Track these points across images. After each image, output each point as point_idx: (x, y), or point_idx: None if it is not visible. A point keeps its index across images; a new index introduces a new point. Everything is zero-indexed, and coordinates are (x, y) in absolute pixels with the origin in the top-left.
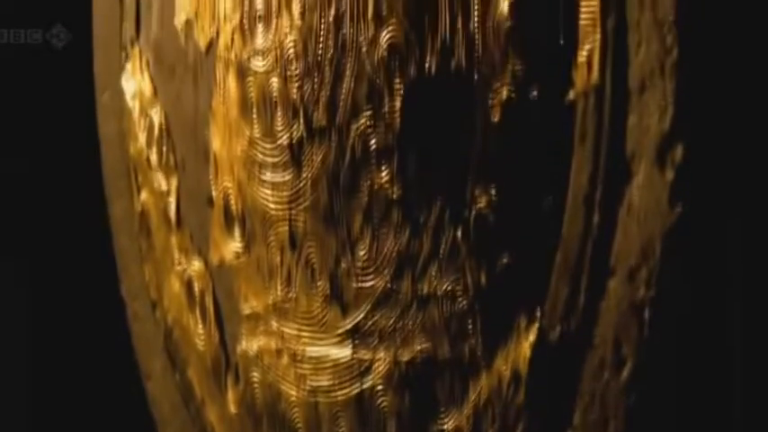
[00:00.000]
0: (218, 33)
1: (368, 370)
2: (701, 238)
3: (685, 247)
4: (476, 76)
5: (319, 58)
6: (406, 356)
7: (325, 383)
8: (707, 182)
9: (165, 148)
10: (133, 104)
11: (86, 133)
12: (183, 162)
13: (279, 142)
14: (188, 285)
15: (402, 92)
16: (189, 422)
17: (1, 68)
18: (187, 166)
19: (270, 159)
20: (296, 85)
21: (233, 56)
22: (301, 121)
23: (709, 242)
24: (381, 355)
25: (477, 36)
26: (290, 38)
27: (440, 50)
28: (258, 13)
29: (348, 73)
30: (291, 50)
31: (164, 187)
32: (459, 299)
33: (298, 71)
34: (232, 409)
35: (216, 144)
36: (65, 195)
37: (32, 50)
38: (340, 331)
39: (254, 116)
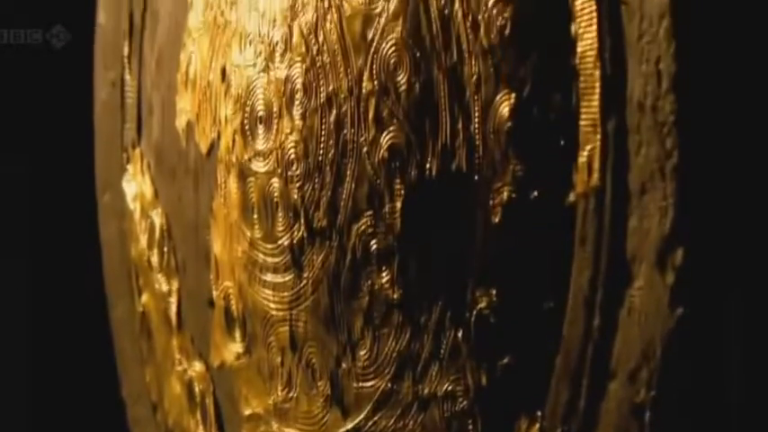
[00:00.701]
0: (219, 136)
1: None
2: (702, 341)
3: (686, 350)
4: (476, 178)
5: (320, 159)
6: None
7: None
8: (708, 285)
9: (165, 250)
10: (134, 206)
11: (85, 133)
12: (184, 264)
13: (280, 244)
14: (189, 387)
15: (403, 193)
16: None
17: (1, 68)
18: (188, 268)
19: (270, 261)
20: (297, 186)
21: (234, 158)
22: (302, 222)
23: (710, 344)
24: None
25: (477, 138)
26: (290, 139)
27: (440, 152)
28: (259, 115)
29: (349, 175)
30: (292, 152)
31: (164, 289)
32: (460, 399)
33: (299, 173)
34: None
35: (217, 246)
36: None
37: (32, 50)
38: None
39: (255, 218)
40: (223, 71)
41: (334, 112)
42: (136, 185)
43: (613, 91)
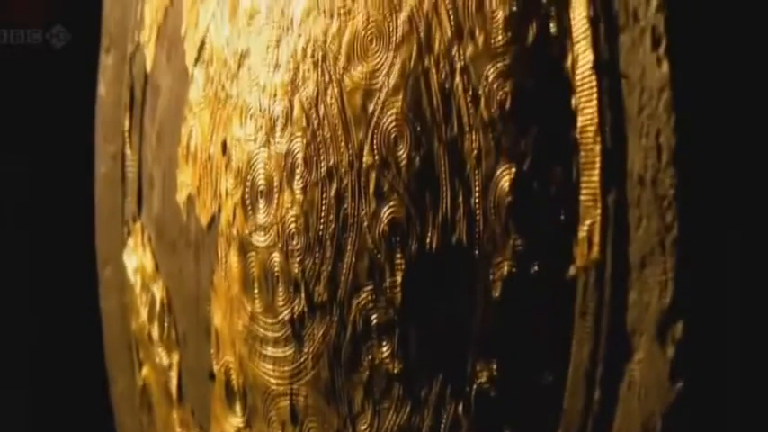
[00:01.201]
0: (219, 209)
1: None
2: (703, 415)
3: (686, 424)
4: (476, 252)
5: (321, 233)
6: None
7: None
8: (708, 359)
9: (166, 324)
10: (135, 279)
11: (85, 135)
12: (185, 337)
13: (280, 317)
14: None
15: (403, 267)
16: None
17: (1, 68)
18: (189, 341)
19: (271, 334)
20: (297, 260)
21: (235, 231)
22: (303, 296)
23: (711, 419)
24: None
25: (477, 212)
26: (291, 213)
27: (441, 226)
28: (260, 189)
29: (349, 248)
30: (293, 226)
31: (165, 362)
32: None
33: (299, 246)
34: None
35: (217, 319)
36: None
37: (32, 50)
38: None
39: (256, 292)
40: (224, 145)
41: (335, 185)
42: (137, 259)
43: (614, 164)
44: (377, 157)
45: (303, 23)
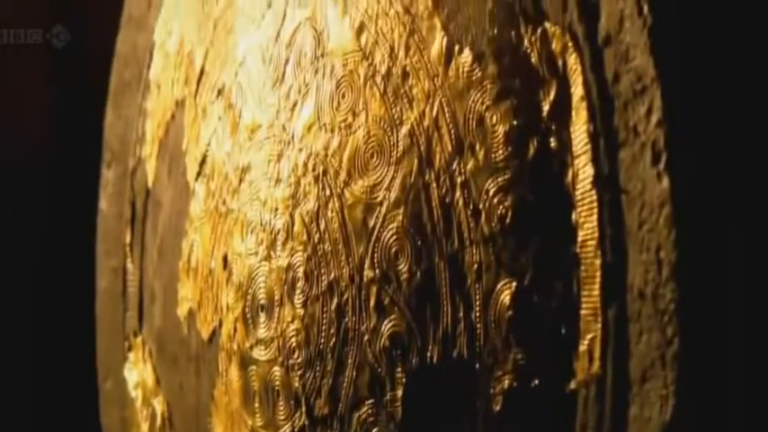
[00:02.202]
0: (220, 323)
1: None
2: None
3: None
4: (477, 366)
5: (321, 347)
6: None
7: None
8: None
9: None
10: (136, 394)
11: (84, 135)
12: None
13: None
14: None
15: (404, 381)
16: None
17: (1, 68)
18: None
19: None
20: (298, 374)
21: (235, 346)
22: (303, 410)
23: None
24: None
25: (478, 326)
26: (292, 328)
27: (441, 340)
28: (261, 304)
29: (350, 362)
30: (294, 340)
31: None
32: None
33: (300, 361)
34: None
35: None
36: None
37: (32, 50)
38: None
39: (257, 406)
40: (225, 259)
41: (336, 300)
42: (137, 373)
43: (614, 279)
44: (377, 272)
45: (304, 138)
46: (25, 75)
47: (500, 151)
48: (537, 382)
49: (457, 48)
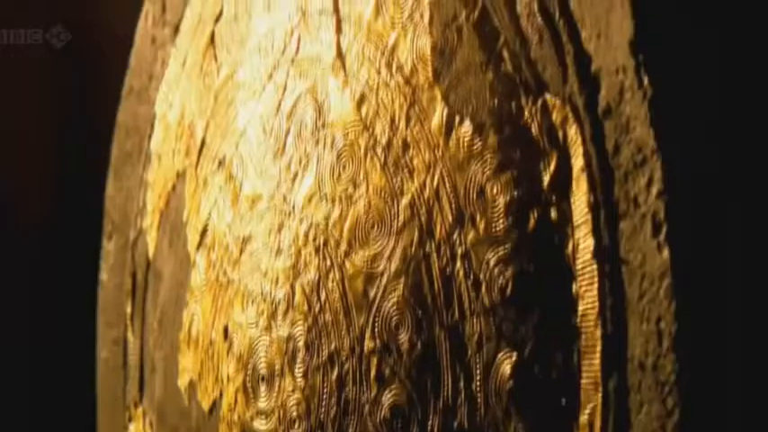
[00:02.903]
0: (221, 394)
1: None
2: None
3: None
4: None
5: (322, 418)
6: None
7: None
8: None
9: None
10: None
11: (85, 136)
12: None
13: None
14: None
15: None
16: None
17: (1, 68)
18: None
19: None
20: None
21: (236, 416)
22: None
23: None
24: None
25: (479, 396)
26: (292, 398)
27: (442, 410)
28: (261, 374)
29: None
30: (294, 411)
31: None
32: None
33: (301, 431)
34: None
35: None
36: None
37: (32, 50)
38: None
39: None
40: (225, 330)
41: (336, 370)
42: None
43: (614, 350)
44: (378, 342)
45: (305, 209)
46: (25, 75)
47: (500, 222)
48: None
49: (457, 119)
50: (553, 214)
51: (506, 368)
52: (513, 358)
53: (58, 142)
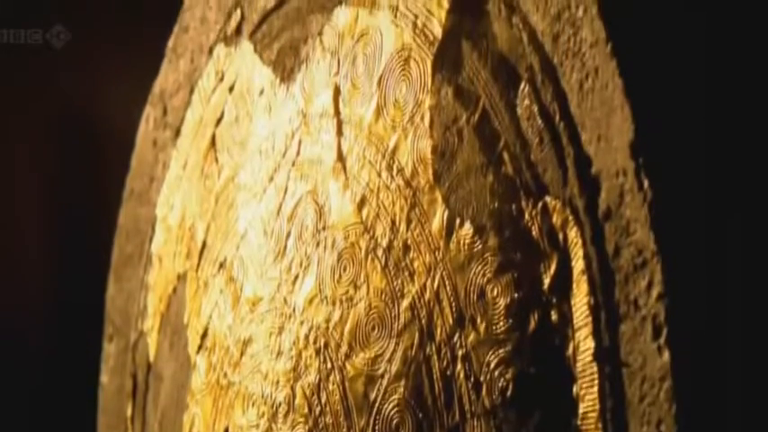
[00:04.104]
0: None
1: None
2: None
3: None
4: None
5: None
6: None
7: None
8: None
9: None
10: None
11: (85, 135)
12: None
13: None
14: None
15: None
16: None
17: (1, 68)
18: None
19: None
20: None
21: None
22: None
23: None
24: None
25: None
26: None
27: None
28: None
29: None
30: None
31: None
32: None
33: None
34: None
35: None
36: None
37: (32, 50)
38: None
39: None
40: None
41: None
42: None
43: None
44: None
45: (305, 311)
46: (25, 75)
47: (501, 324)
48: None
49: (458, 221)
50: (554, 316)
51: None
52: None
53: (59, 245)
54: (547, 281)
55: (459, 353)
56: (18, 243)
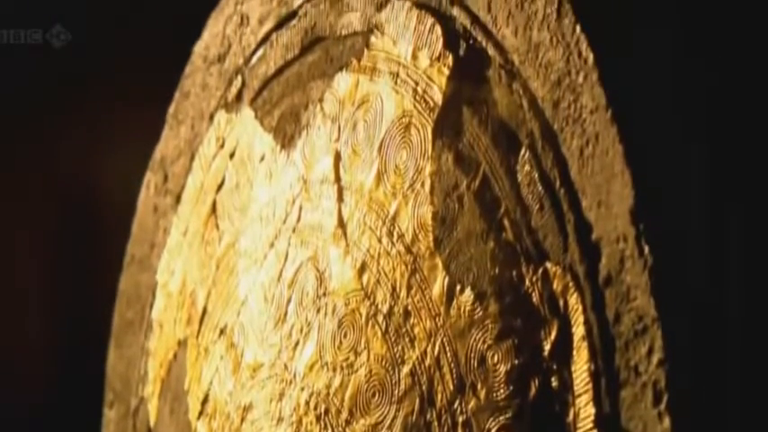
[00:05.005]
0: None
1: None
2: None
3: None
4: None
5: None
6: None
7: None
8: None
9: None
10: None
11: (85, 202)
12: None
13: None
14: None
15: None
16: None
17: (1, 68)
18: None
19: None
20: None
21: None
22: None
23: None
24: None
25: None
26: None
27: None
28: None
29: None
30: None
31: None
32: None
33: None
34: None
35: None
36: None
37: (32, 50)
38: None
39: None
40: None
41: None
42: None
43: None
44: None
45: (306, 377)
46: (25, 75)
47: (501, 390)
48: None
49: (458, 287)
50: (554, 383)
51: None
52: None
53: (60, 312)
54: (547, 347)
55: (460, 419)
56: (18, 311)
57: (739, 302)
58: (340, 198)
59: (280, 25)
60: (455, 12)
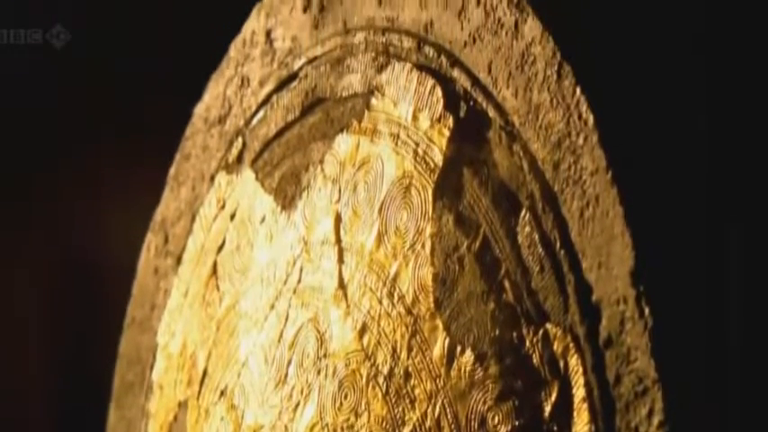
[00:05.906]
0: None
1: None
2: None
3: None
4: None
5: None
6: None
7: None
8: None
9: None
10: None
11: (86, 265)
12: None
13: None
14: None
15: None
16: None
17: (1, 68)
18: None
19: None
20: None
21: None
22: None
23: None
24: None
25: None
26: None
27: None
28: None
29: None
30: None
31: None
32: None
33: None
34: None
35: None
36: None
37: (32, 50)
38: None
39: None
40: None
41: None
42: None
43: None
44: None
45: None
46: (25, 75)
47: None
48: None
49: (459, 348)
50: None
51: None
52: None
53: (60, 374)
54: (548, 408)
55: None
56: (18, 373)
57: (741, 363)
58: (341, 259)
59: (280, 87)
60: (455, 73)
